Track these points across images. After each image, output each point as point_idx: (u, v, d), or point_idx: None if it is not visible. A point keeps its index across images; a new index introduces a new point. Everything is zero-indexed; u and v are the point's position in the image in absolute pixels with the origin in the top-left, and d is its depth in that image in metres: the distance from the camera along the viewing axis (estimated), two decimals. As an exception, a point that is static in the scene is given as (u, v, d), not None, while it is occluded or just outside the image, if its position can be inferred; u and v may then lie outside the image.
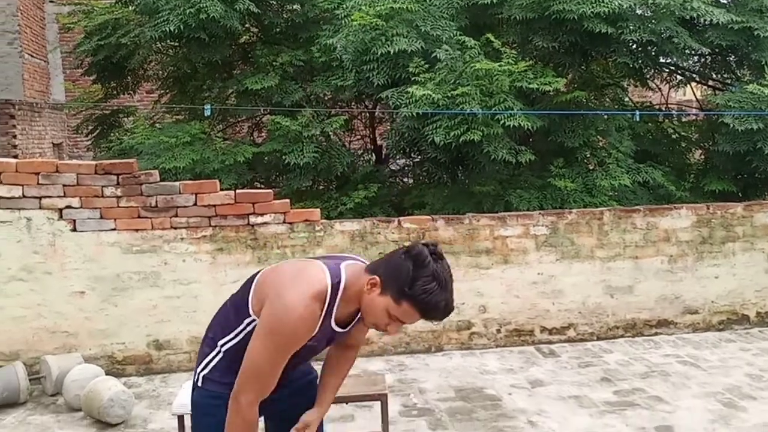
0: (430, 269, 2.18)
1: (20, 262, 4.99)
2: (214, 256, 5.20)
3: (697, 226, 5.88)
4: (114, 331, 5.14)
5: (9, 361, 4.92)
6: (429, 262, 2.18)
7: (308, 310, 2.18)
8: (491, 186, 6.38)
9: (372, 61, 6.30)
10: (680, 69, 7.91)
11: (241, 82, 6.87)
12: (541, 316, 5.70)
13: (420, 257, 2.18)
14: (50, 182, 4.99)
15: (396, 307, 2.19)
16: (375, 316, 2.23)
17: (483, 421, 4.28)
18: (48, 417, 4.51)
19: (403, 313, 2.19)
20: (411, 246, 2.24)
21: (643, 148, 7.17)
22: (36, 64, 12.01)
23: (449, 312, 2.23)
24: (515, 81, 6.02)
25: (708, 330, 5.94)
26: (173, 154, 6.29)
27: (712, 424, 4.18)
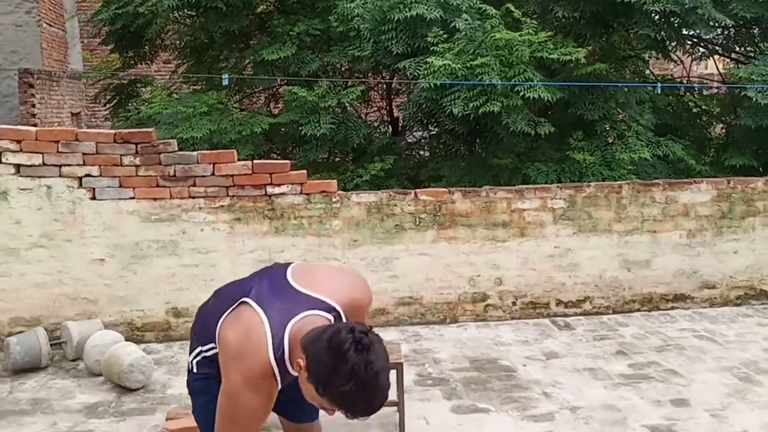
0: (348, 366, 1.94)
1: (41, 229, 5.05)
2: (232, 226, 5.23)
3: (717, 201, 5.83)
4: (133, 298, 5.21)
5: (31, 327, 5.00)
6: (349, 356, 1.95)
7: (259, 390, 2.13)
8: (509, 159, 6.34)
9: (390, 30, 6.24)
10: (703, 41, 7.77)
11: (258, 52, 6.84)
12: (556, 289, 5.70)
13: (339, 350, 1.96)
14: (70, 151, 5.02)
15: (319, 397, 2.04)
16: (309, 397, 2.09)
17: (497, 392, 4.31)
18: (69, 381, 4.59)
19: (329, 404, 2.04)
20: (335, 331, 2.02)
21: (664, 122, 7.08)
22: (54, 33, 12.02)
23: (373, 411, 2.02)
24: (535, 51, 5.94)
25: (725, 305, 5.92)
26: (190, 124, 6.30)
27: (727, 398, 4.18)
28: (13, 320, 5.09)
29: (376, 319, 5.43)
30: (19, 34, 11.05)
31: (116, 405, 4.22)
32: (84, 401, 4.27)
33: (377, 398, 2.00)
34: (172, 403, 4.21)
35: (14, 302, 5.08)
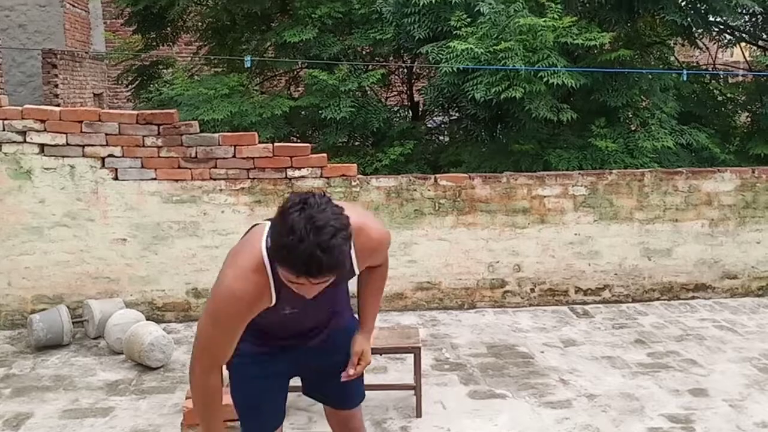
0: (288, 222, 1.89)
1: (64, 209, 5.11)
2: (252, 208, 5.25)
3: (741, 190, 5.75)
4: (154, 278, 5.26)
5: (53, 304, 5.08)
6: (291, 214, 1.90)
7: (246, 285, 2.06)
8: (530, 145, 6.30)
9: (413, 13, 6.21)
10: (730, 28, 7.65)
11: (280, 34, 6.84)
12: (576, 277, 5.68)
13: (285, 212, 1.92)
14: (93, 131, 5.06)
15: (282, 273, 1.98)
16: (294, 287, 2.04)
17: (515, 378, 4.31)
18: (90, 359, 4.66)
19: (287, 275, 1.96)
20: (287, 199, 1.99)
21: (688, 110, 7.00)
22: (77, 13, 12.08)
23: (313, 267, 1.90)
24: (559, 37, 5.88)
25: (746, 295, 5.86)
26: (212, 106, 6.33)
27: (747, 388, 4.15)
28: (36, 298, 5.17)
29: (395, 303, 5.45)
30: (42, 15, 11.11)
31: (137, 383, 4.28)
32: (105, 379, 4.34)
33: (316, 254, 1.87)
34: (191, 383, 4.25)
35: (37, 280, 5.15)
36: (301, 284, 1.97)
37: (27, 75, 10.88)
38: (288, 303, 2.15)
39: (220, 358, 2.22)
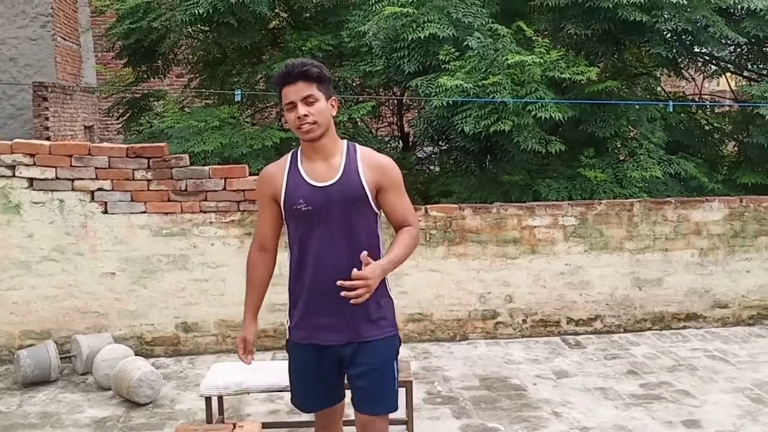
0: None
1: (53, 243, 5.08)
2: (242, 241, 5.24)
3: (729, 219, 5.79)
4: (143, 312, 5.22)
5: (41, 340, 5.02)
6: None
7: (266, 168, 2.71)
8: (520, 175, 6.33)
9: (402, 48, 6.27)
10: (715, 59, 7.76)
11: (270, 66, 6.88)
12: (567, 307, 5.67)
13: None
14: (82, 164, 5.06)
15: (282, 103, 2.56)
16: (289, 123, 2.56)
17: (507, 411, 4.27)
18: (78, 395, 4.60)
19: (283, 100, 2.53)
20: None
21: (675, 139, 7.06)
22: (68, 47, 12.13)
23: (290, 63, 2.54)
24: (547, 70, 5.95)
25: (738, 324, 5.86)
26: (202, 138, 6.34)
27: (739, 419, 4.13)
28: (23, 333, 5.11)
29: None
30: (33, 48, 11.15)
31: (125, 420, 4.22)
32: (93, 415, 4.28)
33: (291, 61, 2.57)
34: (180, 419, 4.20)
35: (25, 315, 5.10)
36: (288, 102, 2.51)
37: (17, 108, 10.88)
38: (300, 194, 2.55)
39: (257, 234, 2.78)
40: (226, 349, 5.31)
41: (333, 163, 2.57)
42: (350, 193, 2.54)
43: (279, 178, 2.60)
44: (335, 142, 2.60)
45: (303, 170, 2.58)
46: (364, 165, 2.58)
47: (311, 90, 2.50)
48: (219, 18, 6.48)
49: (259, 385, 3.67)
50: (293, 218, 2.59)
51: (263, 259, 2.76)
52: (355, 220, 2.55)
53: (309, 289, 2.60)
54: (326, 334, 2.60)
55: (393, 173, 2.63)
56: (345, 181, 2.55)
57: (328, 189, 2.54)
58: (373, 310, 2.60)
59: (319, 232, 2.55)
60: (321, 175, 2.56)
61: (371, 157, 2.62)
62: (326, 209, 2.53)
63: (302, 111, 2.49)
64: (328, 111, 2.54)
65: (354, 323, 2.58)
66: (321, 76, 2.52)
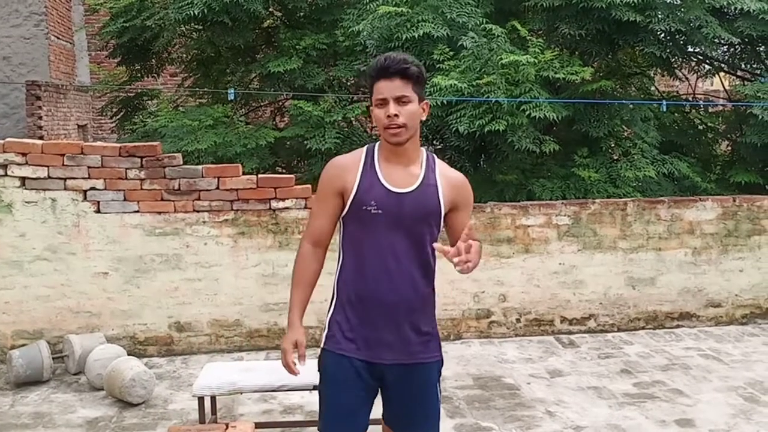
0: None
1: (45, 242, 5.06)
2: (236, 240, 5.23)
3: (723, 219, 5.80)
4: (136, 312, 5.20)
5: (33, 340, 5.00)
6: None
7: (342, 156, 2.49)
8: (514, 175, 6.33)
9: (397, 47, 6.25)
10: (708, 59, 7.78)
11: (264, 65, 6.87)
12: (561, 306, 5.67)
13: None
14: (75, 164, 5.03)
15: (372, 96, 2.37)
16: (375, 119, 2.37)
17: (501, 410, 4.27)
18: (70, 395, 4.58)
19: (374, 94, 2.35)
20: None
21: (669, 139, 7.08)
22: (62, 46, 12.10)
23: (388, 56, 2.35)
24: (541, 70, 5.95)
25: (731, 324, 5.88)
26: (196, 137, 6.32)
27: (733, 418, 4.14)
28: (16, 333, 5.09)
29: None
30: (27, 47, 11.12)
31: (117, 420, 4.20)
32: (85, 416, 4.26)
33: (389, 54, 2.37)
34: (173, 419, 4.19)
35: (17, 315, 5.08)
36: (380, 98, 2.32)
37: (11, 107, 10.85)
38: (373, 196, 2.35)
39: (313, 227, 2.48)
40: (220, 349, 5.30)
41: (412, 170, 2.40)
42: (426, 206, 2.39)
43: (352, 172, 2.40)
44: (417, 149, 2.44)
45: (380, 170, 2.39)
46: (442, 180, 2.43)
47: (407, 89, 2.32)
48: (213, 17, 6.47)
49: (252, 385, 3.66)
50: (357, 220, 2.39)
51: (317, 255, 2.49)
52: (423, 233, 2.39)
53: (368, 300, 2.39)
54: (379, 350, 2.40)
55: (469, 193, 2.51)
56: (422, 192, 2.39)
57: (403, 196, 2.37)
58: (425, 330, 2.45)
59: (384, 239, 2.36)
60: (398, 180, 2.38)
61: (450, 173, 2.49)
62: (397, 217, 2.36)
63: (393, 110, 2.30)
64: (418, 115, 2.37)
65: (407, 343, 2.41)
66: (419, 77, 2.35)
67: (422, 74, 2.36)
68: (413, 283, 2.39)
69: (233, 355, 5.26)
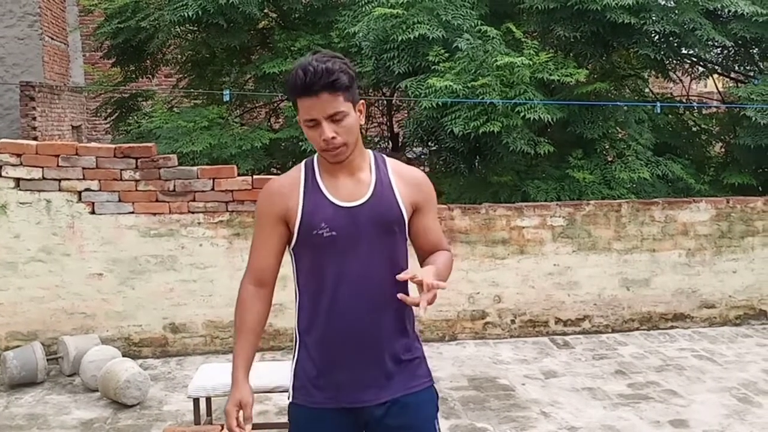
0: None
1: (39, 244, 5.05)
2: (231, 241, 5.22)
3: (716, 220, 5.83)
4: (131, 313, 5.19)
5: (27, 341, 4.99)
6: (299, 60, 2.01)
7: (280, 178, 2.16)
8: (509, 176, 6.35)
9: (392, 49, 6.27)
10: (702, 61, 7.81)
11: (259, 66, 6.87)
12: (556, 308, 5.69)
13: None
14: (70, 165, 5.02)
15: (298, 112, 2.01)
16: (310, 139, 2.03)
17: (496, 411, 4.28)
18: (65, 397, 4.57)
19: (300, 113, 1.99)
20: None
21: (663, 141, 7.10)
22: (56, 46, 12.06)
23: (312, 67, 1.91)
24: (536, 72, 5.97)
25: (724, 325, 5.90)
26: (191, 139, 6.32)
27: (726, 419, 4.16)
28: (10, 334, 5.08)
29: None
30: (21, 47, 11.08)
31: (112, 421, 4.19)
32: (80, 417, 4.25)
33: (311, 62, 1.93)
34: (168, 420, 4.18)
35: (11, 316, 5.06)
36: (309, 119, 1.96)
37: (5, 108, 10.81)
38: (322, 217, 2.02)
39: (254, 264, 2.14)
40: (215, 350, 5.30)
41: (361, 178, 2.06)
42: (385, 216, 2.04)
43: (293, 195, 2.05)
44: (362, 155, 2.09)
45: (324, 186, 2.05)
46: (397, 180, 2.09)
47: (338, 103, 1.94)
48: (208, 18, 6.46)
49: (247, 386, 3.65)
50: (310, 247, 2.04)
51: (260, 296, 2.15)
52: (389, 247, 2.04)
53: (335, 338, 2.04)
54: (357, 392, 2.05)
55: (430, 190, 2.17)
56: (377, 200, 2.05)
57: (356, 210, 2.03)
58: (407, 357, 2.11)
59: (344, 264, 2.02)
60: (347, 193, 2.04)
61: (404, 171, 2.15)
62: (354, 236, 2.01)
63: (329, 133, 1.95)
64: (356, 123, 2.01)
65: (389, 375, 2.07)
66: (350, 83, 1.96)
67: (352, 77, 1.98)
68: (387, 307, 2.05)
69: (228, 357, 5.24)
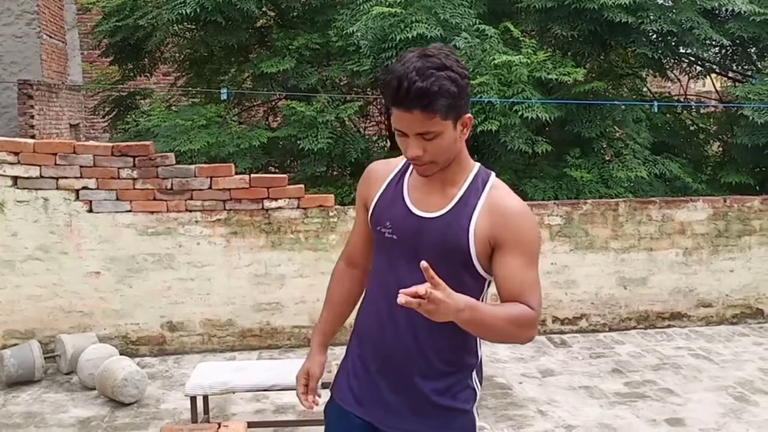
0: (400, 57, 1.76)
1: (37, 242, 5.04)
2: (228, 240, 5.22)
3: (713, 219, 5.84)
4: (128, 311, 5.19)
5: (25, 339, 4.99)
6: (405, 55, 1.76)
7: (373, 164, 2.04)
8: (506, 175, 6.34)
9: (390, 48, 6.26)
10: (700, 60, 7.82)
11: (257, 65, 6.86)
12: (553, 306, 5.69)
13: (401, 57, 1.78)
14: (67, 163, 5.02)
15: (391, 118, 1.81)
16: (399, 144, 1.83)
17: (493, 409, 4.29)
18: (62, 395, 4.57)
19: (392, 118, 1.78)
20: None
21: (661, 140, 7.11)
22: (54, 44, 12.06)
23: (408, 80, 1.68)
24: (534, 71, 5.98)
25: (721, 323, 5.91)
26: (189, 137, 6.31)
27: (723, 417, 4.17)
28: (7, 333, 5.08)
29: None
30: (19, 45, 11.08)
31: (110, 419, 4.19)
32: (77, 415, 4.25)
33: (409, 74, 1.68)
34: (165, 418, 4.19)
35: (9, 315, 5.06)
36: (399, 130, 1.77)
37: (2, 106, 10.80)
38: (389, 216, 1.88)
39: (349, 242, 2.12)
40: (212, 349, 5.30)
41: (448, 191, 1.84)
42: (447, 241, 1.80)
43: (377, 184, 1.95)
44: (462, 169, 1.86)
45: (407, 188, 1.89)
46: (485, 207, 1.81)
47: (431, 124, 1.71)
48: (206, 17, 6.46)
49: (244, 384, 3.66)
50: (376, 242, 1.94)
51: (350, 274, 2.09)
52: (453, 277, 1.69)
53: (368, 346, 1.93)
54: (376, 411, 1.91)
55: (519, 226, 1.81)
56: (449, 221, 1.81)
57: (426, 222, 1.82)
58: (442, 402, 1.87)
59: (403, 272, 1.82)
60: (426, 202, 1.85)
61: (499, 198, 1.83)
62: (414, 247, 1.81)
63: (416, 151, 1.75)
64: (453, 143, 1.77)
65: (416, 408, 1.87)
66: (452, 102, 1.70)
67: (455, 94, 1.70)
68: (434, 339, 1.84)
69: (225, 355, 5.26)
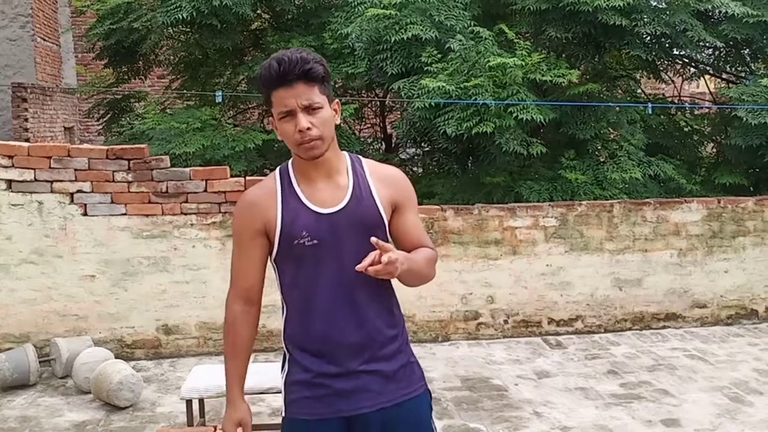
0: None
1: (31, 245, 5.03)
2: (224, 243, 5.22)
3: (708, 220, 5.86)
4: (123, 315, 5.18)
5: (19, 343, 4.97)
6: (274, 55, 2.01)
7: (254, 189, 2.09)
8: (501, 177, 6.36)
9: (385, 50, 6.28)
10: (694, 61, 7.85)
11: (252, 68, 6.86)
12: (548, 308, 5.70)
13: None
14: (62, 166, 5.01)
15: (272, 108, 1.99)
16: (283, 136, 1.99)
17: (489, 411, 4.29)
18: (57, 399, 4.56)
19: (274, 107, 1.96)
20: None
21: (655, 141, 7.13)
22: (48, 47, 12.03)
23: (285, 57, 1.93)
24: (528, 73, 5.99)
25: (716, 324, 5.93)
26: (184, 140, 6.30)
27: (718, 418, 4.18)
28: (2, 337, 5.06)
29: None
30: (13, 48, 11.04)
31: (105, 423, 4.18)
32: (72, 419, 4.24)
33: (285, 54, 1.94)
34: (161, 422, 4.18)
35: (3, 318, 5.05)
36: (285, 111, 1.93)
37: (-4, 109, 10.76)
38: (302, 225, 1.98)
39: (239, 282, 2.11)
40: (208, 352, 5.29)
41: (339, 182, 2.03)
42: (365, 220, 2.00)
43: (270, 206, 2.01)
44: (338, 156, 2.06)
45: (302, 193, 2.01)
46: (375, 181, 2.05)
47: (314, 94, 1.93)
48: (201, 19, 6.46)
49: (240, 387, 3.65)
50: (292, 257, 2.01)
51: (249, 315, 2.13)
52: (373, 250, 1.90)
53: (325, 347, 2.01)
54: (357, 399, 2.01)
55: (408, 187, 2.13)
56: (356, 205, 2.00)
57: (336, 216, 1.99)
58: (402, 361, 2.09)
59: (328, 272, 1.99)
60: (325, 199, 2.00)
61: (381, 170, 2.11)
62: (337, 242, 1.98)
63: (305, 123, 1.92)
64: (332, 119, 1.99)
65: (384, 381, 2.04)
66: (325, 75, 1.96)
67: (327, 70, 1.96)
68: (377, 313, 2.04)
69: (221, 358, 5.24)
